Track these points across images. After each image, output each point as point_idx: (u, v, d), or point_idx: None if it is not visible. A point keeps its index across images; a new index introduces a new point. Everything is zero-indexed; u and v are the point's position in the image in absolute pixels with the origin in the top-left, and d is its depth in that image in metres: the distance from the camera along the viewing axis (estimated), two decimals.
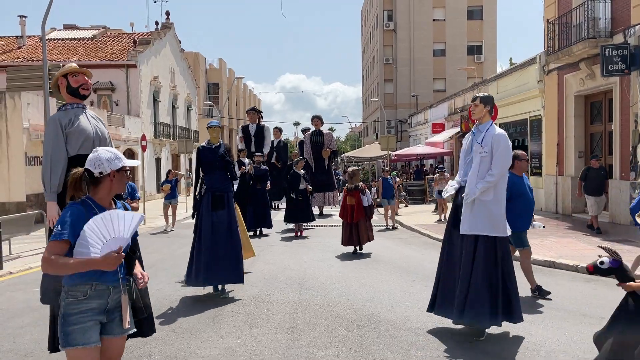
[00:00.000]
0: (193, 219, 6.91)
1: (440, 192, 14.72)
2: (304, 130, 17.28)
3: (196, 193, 6.95)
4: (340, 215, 10.16)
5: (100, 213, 2.67)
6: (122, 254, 2.62)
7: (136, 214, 2.74)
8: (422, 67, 45.90)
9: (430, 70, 46.15)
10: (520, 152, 6.47)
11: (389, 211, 14.01)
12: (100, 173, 2.76)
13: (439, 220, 14.51)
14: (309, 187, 12.71)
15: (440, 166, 19.29)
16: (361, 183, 10.07)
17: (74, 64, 4.43)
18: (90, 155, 2.81)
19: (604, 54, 12.13)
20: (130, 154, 25.69)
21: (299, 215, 12.41)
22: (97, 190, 2.79)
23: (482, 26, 45.72)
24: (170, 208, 14.63)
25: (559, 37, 14.79)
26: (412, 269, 8.35)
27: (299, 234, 12.36)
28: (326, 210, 16.74)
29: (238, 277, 6.65)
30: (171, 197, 14.60)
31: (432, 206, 18.64)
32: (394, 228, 13.79)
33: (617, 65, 12.07)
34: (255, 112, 16.63)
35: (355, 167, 10.80)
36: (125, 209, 2.95)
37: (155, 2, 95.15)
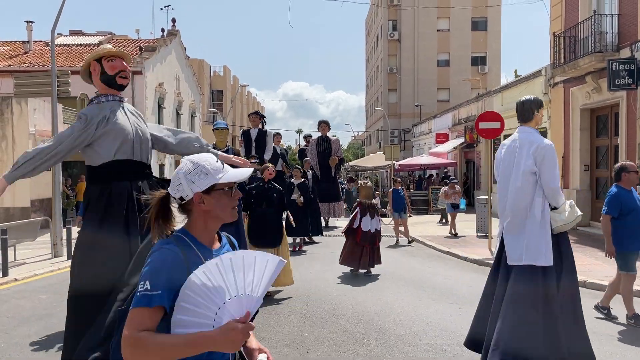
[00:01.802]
0: None
1: (452, 205, 14.23)
2: (306, 137, 16.59)
3: None
4: (347, 234, 8.81)
5: (204, 255, 1.77)
6: (251, 323, 1.63)
7: (272, 257, 1.69)
8: (426, 77, 46.01)
9: (434, 81, 46.25)
10: (628, 163, 5.97)
11: (400, 226, 12.95)
12: (182, 199, 1.80)
13: (454, 234, 13.75)
14: (301, 199, 11.31)
15: (452, 178, 18.45)
16: (373, 200, 9.07)
17: (109, 45, 3.63)
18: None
19: (611, 68, 12.15)
20: None
21: (294, 228, 11.18)
22: (191, 222, 1.83)
23: (487, 37, 45.86)
24: None
25: (565, 50, 14.83)
26: (418, 282, 8.31)
27: (296, 248, 11.31)
28: (331, 221, 16.19)
29: None
30: None
31: (436, 217, 18.62)
32: (410, 242, 12.81)
33: (624, 80, 12.10)
34: (258, 116, 16.34)
35: (369, 182, 9.70)
36: (232, 245, 1.98)
37: (161, 9, 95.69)
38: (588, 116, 15.08)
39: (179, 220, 1.85)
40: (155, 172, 28.15)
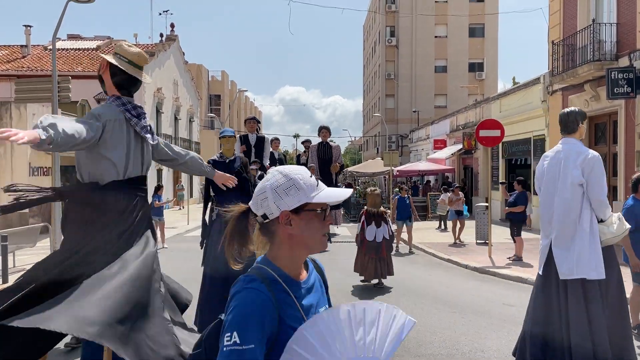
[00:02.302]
0: (202, 248, 5.75)
1: (457, 212, 13.99)
2: (305, 143, 16.18)
3: (205, 217, 5.83)
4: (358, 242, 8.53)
5: (293, 290, 1.50)
6: None
7: (400, 314, 1.44)
8: (424, 83, 46.18)
9: (432, 87, 46.43)
10: None
11: (405, 233, 12.73)
12: (265, 217, 1.53)
13: (460, 242, 13.55)
14: None
15: (455, 184, 17.89)
16: (382, 208, 8.62)
17: (134, 49, 3.40)
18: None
19: (610, 77, 12.23)
20: None
21: None
22: (274, 248, 1.56)
23: (484, 44, 46.08)
24: (158, 227, 13.00)
25: (563, 58, 14.92)
26: (420, 291, 8.31)
27: None
28: (332, 229, 15.84)
29: None
30: (156, 215, 13.04)
31: (435, 223, 18.64)
32: (411, 251, 12.63)
33: (622, 88, 12.17)
34: (255, 122, 16.22)
35: (377, 190, 9.05)
36: (319, 271, 1.70)
37: (160, 14, 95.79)
38: (586, 124, 15.12)
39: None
40: (154, 176, 28.07)
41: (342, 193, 1.58)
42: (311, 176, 1.54)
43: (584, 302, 3.94)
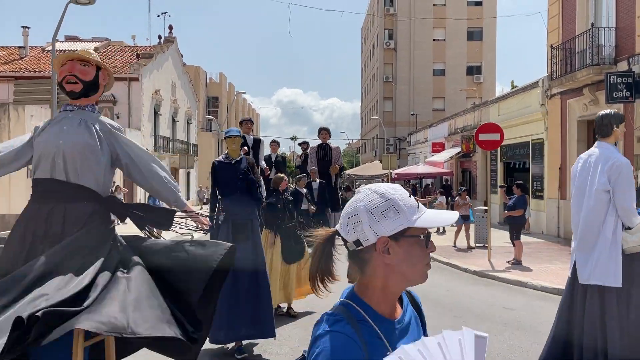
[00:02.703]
0: None
1: (462, 217, 13.44)
2: (302, 144, 15.38)
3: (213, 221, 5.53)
4: None
5: (386, 333, 1.30)
6: None
7: (476, 335, 1.18)
8: (422, 86, 46.27)
9: (430, 90, 46.51)
10: None
11: None
12: (359, 243, 1.31)
13: (471, 248, 13.48)
14: (312, 208, 10.85)
15: (462, 187, 17.31)
16: None
17: (73, 53, 3.07)
18: None
19: (609, 82, 12.26)
20: None
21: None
22: (365, 281, 1.35)
23: (482, 47, 46.21)
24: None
25: (562, 62, 14.96)
26: (420, 295, 8.26)
27: None
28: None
29: (267, 329, 5.29)
30: None
31: None
32: None
33: (621, 93, 12.20)
34: (251, 123, 15.69)
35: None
36: (415, 306, 1.51)
37: (158, 16, 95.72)
38: (585, 128, 15.19)
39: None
40: None
41: (447, 217, 1.36)
42: (410, 196, 1.34)
43: (599, 308, 3.92)
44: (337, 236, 1.36)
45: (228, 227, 5.26)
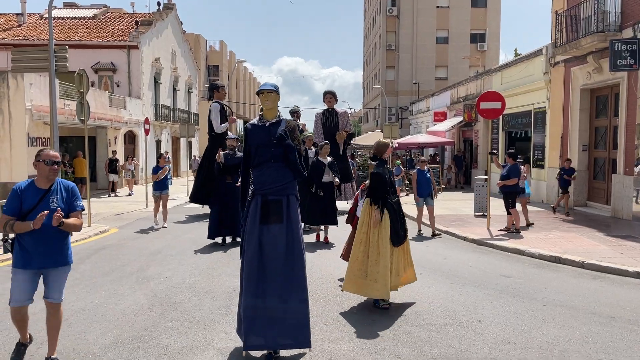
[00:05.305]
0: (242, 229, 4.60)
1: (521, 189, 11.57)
2: (293, 112, 13.66)
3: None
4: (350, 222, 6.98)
5: None
6: None
7: None
8: (425, 55, 45.68)
9: (433, 58, 45.93)
10: None
11: (427, 213, 11.11)
12: None
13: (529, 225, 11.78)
14: (337, 179, 9.89)
15: (520, 158, 15.21)
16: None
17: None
18: None
19: (613, 49, 12.09)
20: (131, 137, 25.60)
21: (321, 215, 9.75)
22: None
23: (486, 14, 45.42)
24: (160, 201, 12.00)
25: (567, 29, 14.73)
26: (419, 262, 8.31)
27: (320, 239, 10.01)
28: (341, 205, 12.63)
29: (302, 338, 4.34)
30: (161, 188, 11.99)
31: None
32: (436, 235, 10.98)
33: (625, 60, 12.05)
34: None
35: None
36: None
37: None
38: (588, 96, 15.05)
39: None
40: (153, 148, 27.89)
41: None
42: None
43: None
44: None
45: (257, 204, 4.38)
